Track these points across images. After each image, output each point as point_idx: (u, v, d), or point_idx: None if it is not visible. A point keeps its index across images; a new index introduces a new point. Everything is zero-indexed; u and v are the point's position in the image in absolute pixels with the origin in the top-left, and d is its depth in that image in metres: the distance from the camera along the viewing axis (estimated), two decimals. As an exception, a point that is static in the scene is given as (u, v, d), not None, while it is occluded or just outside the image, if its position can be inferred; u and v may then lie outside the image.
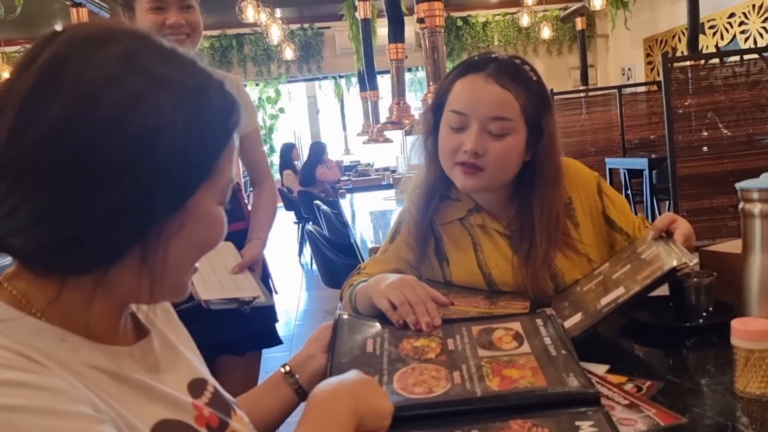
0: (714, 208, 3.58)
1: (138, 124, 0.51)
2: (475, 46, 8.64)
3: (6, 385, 0.46)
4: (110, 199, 0.50)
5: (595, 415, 0.71)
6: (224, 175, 0.58)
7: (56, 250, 0.52)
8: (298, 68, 8.76)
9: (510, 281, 1.18)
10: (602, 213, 1.22)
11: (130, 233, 0.52)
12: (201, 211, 0.57)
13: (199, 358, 0.73)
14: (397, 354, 0.86)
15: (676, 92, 3.52)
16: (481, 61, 1.14)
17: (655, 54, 7.70)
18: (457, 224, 1.23)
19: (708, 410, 0.78)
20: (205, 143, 0.55)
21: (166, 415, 0.57)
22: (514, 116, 1.10)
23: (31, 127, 0.50)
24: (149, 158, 0.51)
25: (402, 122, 3.60)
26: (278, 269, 5.87)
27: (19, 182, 0.50)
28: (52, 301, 0.54)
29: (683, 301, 1.06)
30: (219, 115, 0.57)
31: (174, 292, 0.60)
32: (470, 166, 1.11)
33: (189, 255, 0.58)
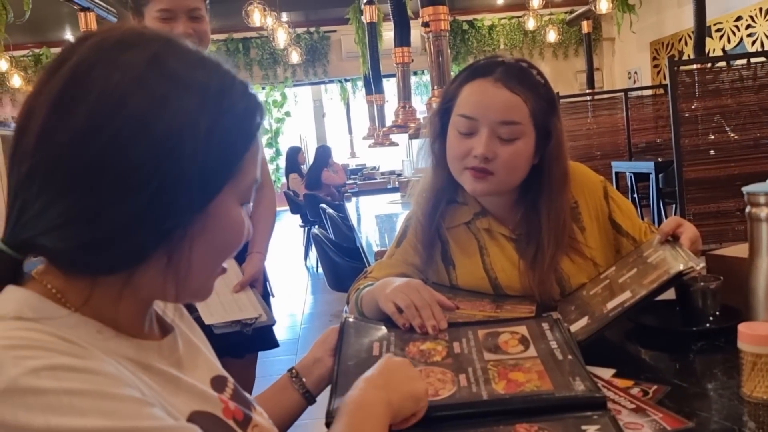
0: (720, 211, 3.57)
1: (163, 126, 0.52)
2: (480, 50, 8.64)
3: (62, 369, 0.48)
4: (136, 201, 0.51)
5: (602, 419, 0.71)
6: (248, 175, 0.59)
7: (84, 251, 0.53)
8: (304, 72, 8.78)
9: (516, 285, 1.18)
10: (608, 217, 1.22)
11: (156, 235, 0.53)
12: (224, 212, 0.57)
13: (214, 356, 0.74)
14: (403, 357, 0.86)
15: (683, 95, 3.52)
16: (488, 65, 1.13)
17: (661, 57, 7.68)
18: (463, 228, 1.23)
19: (715, 415, 0.78)
20: (229, 144, 0.55)
21: (197, 407, 0.59)
22: (524, 120, 1.10)
23: (59, 130, 0.51)
24: (174, 160, 0.52)
25: (408, 126, 3.61)
26: (284, 272, 5.89)
27: (48, 183, 0.51)
28: (86, 300, 0.55)
29: (690, 305, 1.06)
30: (243, 116, 0.57)
31: (199, 292, 0.61)
32: (480, 171, 1.11)
33: (213, 256, 0.59)
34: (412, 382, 0.73)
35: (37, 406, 0.46)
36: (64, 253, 0.54)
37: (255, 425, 0.66)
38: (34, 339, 0.49)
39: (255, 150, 0.59)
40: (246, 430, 0.64)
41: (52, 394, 0.46)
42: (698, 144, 3.56)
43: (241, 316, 1.48)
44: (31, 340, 0.49)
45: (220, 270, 0.61)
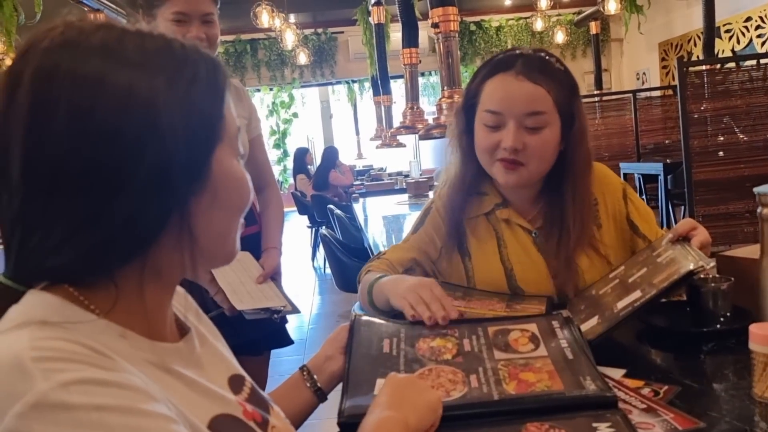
0: (730, 213, 3.55)
1: (139, 114, 0.52)
2: (488, 51, 8.63)
3: (91, 384, 0.47)
4: (131, 193, 0.52)
5: (613, 417, 0.71)
6: (231, 127, 0.59)
7: (95, 252, 0.53)
8: (311, 73, 8.80)
9: (531, 278, 1.19)
10: (626, 217, 1.23)
11: (160, 214, 0.53)
12: (222, 171, 0.58)
13: (229, 354, 0.74)
14: (413, 354, 0.87)
15: (692, 97, 3.50)
16: (508, 58, 1.15)
17: (670, 58, 7.65)
18: (482, 219, 1.24)
19: (726, 415, 0.77)
20: (204, 111, 0.56)
21: (218, 411, 0.59)
22: (548, 109, 1.12)
23: (41, 153, 0.51)
24: (158, 140, 0.52)
25: (415, 126, 3.61)
26: (291, 273, 5.89)
27: (46, 208, 0.51)
28: (114, 304, 0.54)
29: (701, 306, 1.06)
30: (208, 79, 0.57)
31: (224, 256, 0.61)
32: (511, 162, 1.13)
33: (226, 218, 0.59)
34: (424, 393, 0.73)
35: (67, 422, 0.46)
36: (75, 265, 0.53)
37: (273, 426, 0.66)
38: (63, 350, 0.49)
39: (228, 103, 0.60)
40: (266, 430, 0.64)
41: (82, 410, 0.46)
42: (707, 145, 3.54)
43: (269, 304, 1.51)
44: (60, 351, 0.49)
45: (238, 226, 0.61)
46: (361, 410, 0.75)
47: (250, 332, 1.60)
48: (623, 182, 1.27)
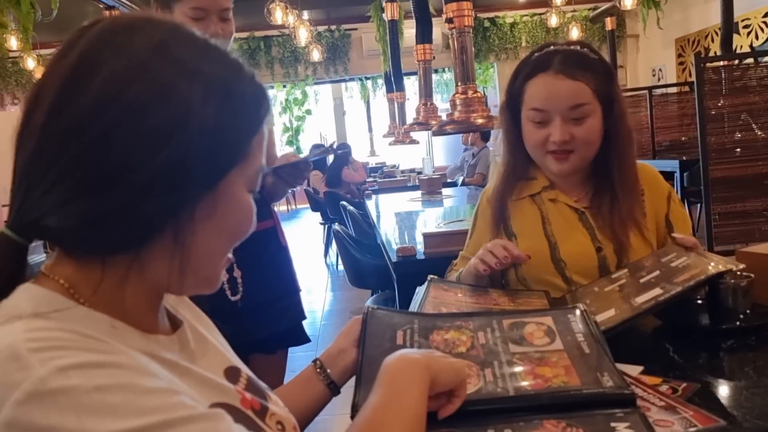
0: (747, 211, 3.50)
1: (166, 111, 0.53)
2: (502, 48, 8.58)
3: (89, 367, 0.48)
4: (141, 176, 0.52)
5: (631, 416, 0.70)
6: (255, 161, 0.60)
7: (90, 227, 0.53)
8: (324, 70, 8.80)
9: (576, 250, 1.24)
10: (665, 215, 1.28)
11: (161, 212, 0.54)
12: (231, 195, 0.58)
13: (227, 347, 0.74)
14: (427, 347, 0.86)
15: (709, 93, 3.46)
16: (545, 58, 1.21)
17: (687, 54, 7.56)
18: (527, 200, 1.32)
19: (747, 413, 0.76)
20: (235, 129, 0.57)
21: (215, 399, 0.59)
22: (589, 99, 1.18)
23: (67, 109, 0.52)
24: (180, 138, 0.53)
25: (429, 123, 3.59)
26: (304, 269, 5.91)
27: (56, 160, 0.52)
28: (96, 288, 0.55)
29: (720, 302, 1.04)
30: (249, 104, 0.58)
31: (206, 282, 0.61)
32: (561, 153, 1.21)
33: (220, 242, 0.59)
34: (449, 358, 0.74)
35: (69, 406, 0.45)
36: (69, 233, 0.54)
37: (272, 414, 0.66)
38: (58, 338, 0.49)
39: (261, 137, 0.60)
40: (264, 419, 0.64)
41: (82, 393, 0.46)
42: (724, 142, 3.50)
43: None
44: (55, 339, 0.49)
45: (227, 260, 0.62)
46: None
47: (261, 330, 1.60)
48: (671, 188, 1.32)
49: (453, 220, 3.04)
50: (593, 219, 1.25)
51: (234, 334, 0.82)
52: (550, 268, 1.23)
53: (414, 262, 2.37)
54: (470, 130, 2.82)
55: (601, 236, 1.23)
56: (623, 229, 1.21)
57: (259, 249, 1.65)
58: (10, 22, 4.70)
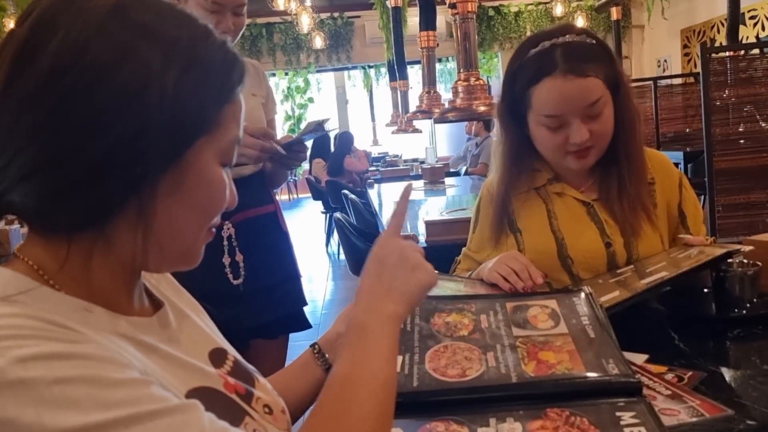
0: (751, 203, 3.49)
1: (125, 75, 0.51)
2: (506, 37, 8.52)
3: (50, 358, 0.45)
4: (100, 146, 0.50)
5: (637, 405, 0.68)
6: (228, 132, 0.57)
7: (49, 203, 0.51)
8: (327, 57, 8.75)
9: (584, 246, 1.19)
10: (678, 204, 1.24)
11: (123, 184, 0.52)
12: (200, 169, 0.55)
13: (213, 328, 0.72)
14: (428, 329, 0.84)
15: (714, 84, 3.42)
16: (546, 58, 1.11)
17: (692, 45, 7.50)
18: (532, 193, 1.26)
19: (754, 402, 0.75)
20: (201, 96, 0.54)
21: (195, 384, 0.57)
22: (602, 91, 1.12)
23: (23, 77, 0.50)
24: (140, 106, 0.51)
25: (432, 111, 3.56)
26: (305, 258, 5.90)
27: (13, 132, 0.51)
28: (62, 265, 0.53)
29: (726, 291, 1.03)
30: (218, 70, 0.56)
31: (181, 258, 0.59)
32: (582, 150, 1.15)
33: (190, 217, 0.56)
34: (416, 271, 0.65)
35: (27, 398, 0.43)
36: (32, 208, 0.52)
37: (258, 398, 0.64)
38: (21, 326, 0.47)
39: (236, 107, 0.58)
40: (249, 403, 0.63)
41: (42, 385, 0.44)
42: (729, 134, 3.47)
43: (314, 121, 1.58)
44: (17, 328, 0.47)
45: (206, 234, 0.59)
46: None
47: (262, 315, 1.59)
48: (681, 173, 1.27)
49: (456, 209, 3.02)
50: (602, 211, 1.20)
51: (236, 319, 0.81)
52: (557, 266, 1.19)
53: (416, 250, 2.35)
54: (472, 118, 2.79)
55: (611, 230, 1.18)
56: (633, 215, 1.17)
57: (261, 233, 1.64)
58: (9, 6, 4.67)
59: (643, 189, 1.19)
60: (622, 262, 1.17)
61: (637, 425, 0.64)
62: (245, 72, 0.59)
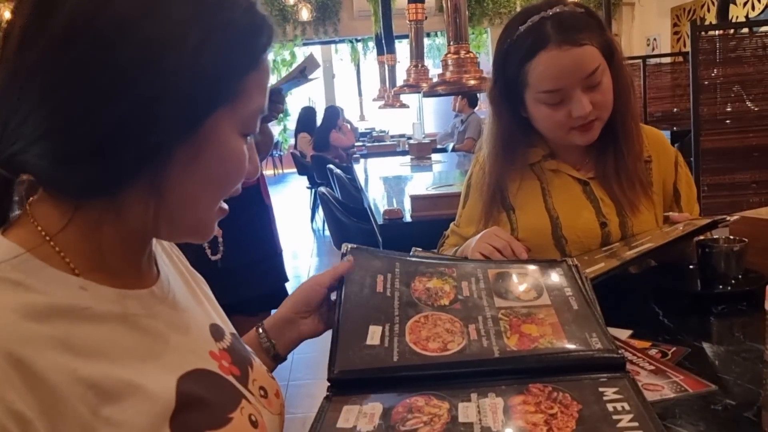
0: (735, 183, 3.51)
1: (147, 32, 0.48)
2: (496, 12, 8.43)
3: None
4: (116, 111, 0.47)
5: (620, 381, 0.67)
6: (251, 102, 0.54)
7: (63, 166, 0.49)
8: (314, 30, 8.61)
9: (579, 225, 1.17)
10: (673, 183, 1.22)
11: (136, 153, 0.49)
12: (218, 139, 0.52)
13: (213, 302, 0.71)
14: (408, 296, 0.82)
15: (703, 63, 3.41)
16: (537, 32, 1.08)
17: (682, 24, 7.47)
18: (526, 169, 1.22)
19: (737, 378, 0.74)
20: (223, 62, 0.50)
21: (191, 366, 0.56)
22: (599, 59, 1.08)
23: (39, 33, 0.48)
24: (156, 72, 0.48)
25: (419, 85, 3.52)
26: (290, 234, 5.88)
27: (27, 91, 0.48)
28: (65, 225, 0.51)
29: (712, 267, 1.02)
30: (244, 34, 0.52)
31: (194, 230, 0.56)
32: (586, 124, 1.11)
33: (206, 190, 0.54)
34: None
35: None
36: (45, 170, 0.50)
37: (254, 380, 0.63)
38: None
39: (261, 75, 0.54)
40: (246, 385, 0.61)
41: None
42: (716, 113, 3.47)
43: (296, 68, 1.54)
44: None
45: (219, 210, 0.56)
46: (353, 365, 0.71)
47: (244, 292, 1.57)
48: (677, 151, 1.25)
49: (442, 185, 3.00)
50: (598, 189, 1.17)
51: (215, 295, 0.79)
52: (550, 245, 1.17)
53: (401, 225, 2.34)
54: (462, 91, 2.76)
55: (606, 209, 1.16)
56: (632, 191, 1.15)
57: (242, 207, 1.60)
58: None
59: (640, 165, 1.17)
60: (616, 242, 1.15)
61: (620, 401, 0.63)
62: (273, 37, 0.55)
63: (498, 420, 0.61)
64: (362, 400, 0.66)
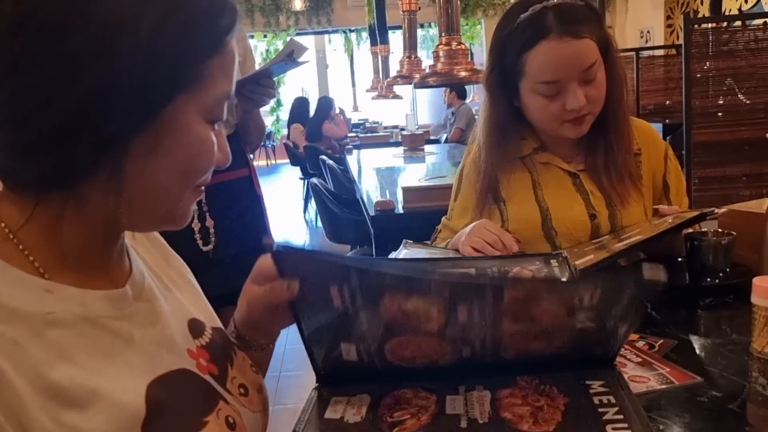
0: (726, 176, 3.52)
1: (97, 17, 0.45)
2: (490, 3, 8.39)
3: None
4: (66, 102, 0.46)
5: (607, 374, 0.67)
6: (215, 87, 0.51)
7: (18, 159, 0.48)
8: (307, 20, 8.55)
9: (568, 217, 1.17)
10: (663, 176, 1.22)
11: (93, 144, 0.47)
12: (181, 126, 0.50)
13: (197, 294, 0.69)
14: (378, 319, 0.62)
15: (696, 56, 3.42)
16: (538, 22, 1.07)
17: (675, 16, 7.48)
18: (517, 162, 1.22)
19: (723, 370, 0.75)
20: (182, 46, 0.48)
21: (166, 368, 0.54)
22: (597, 54, 1.09)
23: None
24: (108, 59, 0.46)
25: (413, 76, 3.51)
26: (282, 225, 5.87)
27: None
28: (26, 221, 0.50)
29: (700, 260, 1.03)
30: (204, 15, 0.50)
31: (167, 219, 0.55)
32: (578, 117, 1.11)
33: (170, 179, 0.52)
34: None
35: None
36: (3, 163, 0.49)
37: (233, 378, 0.61)
38: None
39: (225, 59, 0.52)
40: (224, 384, 0.60)
41: None
42: (708, 106, 3.49)
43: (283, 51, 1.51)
44: None
45: (193, 193, 0.54)
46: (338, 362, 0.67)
47: (236, 282, 1.56)
48: (667, 144, 1.25)
49: (435, 176, 3.00)
50: (588, 182, 1.18)
51: (206, 286, 0.78)
52: (540, 236, 1.17)
53: (392, 216, 2.34)
54: (453, 83, 2.75)
55: (596, 201, 1.16)
56: (621, 184, 1.15)
57: (233, 199, 1.60)
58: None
59: (630, 158, 1.17)
60: (605, 234, 1.15)
61: (606, 394, 0.63)
62: (236, 18, 0.53)
63: (485, 412, 0.61)
64: (350, 392, 0.66)
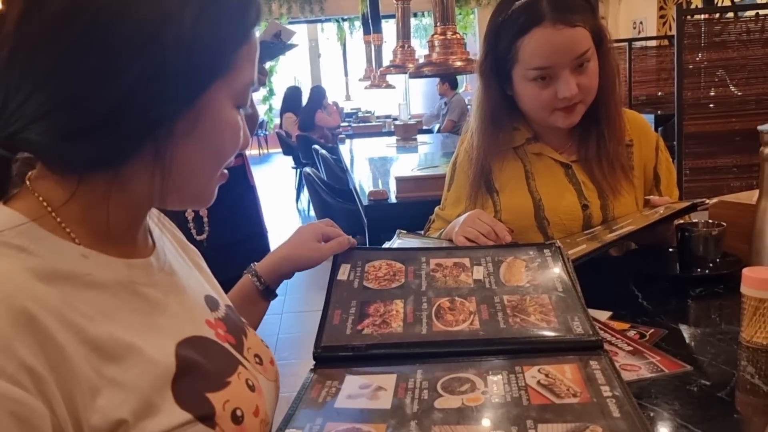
0: (717, 167, 3.54)
1: (141, 16, 0.49)
2: (483, -7, 8.38)
3: None
4: (118, 88, 0.49)
5: (599, 361, 0.68)
6: (243, 74, 0.56)
7: (67, 142, 0.51)
8: (300, 8, 8.50)
9: (561, 207, 1.18)
10: (654, 167, 1.23)
11: (139, 127, 0.51)
12: (215, 111, 0.55)
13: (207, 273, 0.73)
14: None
15: (688, 47, 3.42)
16: (532, 9, 1.08)
17: (668, 7, 7.49)
18: (510, 152, 1.23)
19: (713, 359, 0.76)
20: (217, 38, 0.53)
21: (188, 333, 0.58)
22: (590, 43, 1.09)
23: (39, 13, 0.49)
24: (157, 47, 0.49)
25: (406, 66, 3.50)
26: (275, 215, 5.85)
27: (29, 70, 0.49)
28: (68, 198, 0.53)
29: (690, 250, 1.04)
30: (235, 8, 0.54)
31: (196, 197, 0.59)
32: (570, 106, 1.12)
33: (205, 159, 0.56)
34: None
35: None
36: (48, 147, 0.52)
37: (248, 348, 0.66)
38: None
39: (251, 49, 0.57)
40: (242, 353, 0.64)
41: None
42: (700, 98, 3.50)
43: None
44: None
45: (220, 175, 0.59)
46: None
47: (230, 271, 1.56)
48: (658, 135, 1.26)
49: (427, 166, 3.00)
50: (580, 172, 1.19)
51: None
52: (532, 226, 1.18)
53: (386, 206, 2.34)
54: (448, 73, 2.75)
55: (588, 192, 1.17)
56: (612, 174, 1.16)
57: (226, 188, 1.59)
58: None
59: (622, 149, 1.18)
60: (597, 224, 1.16)
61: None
62: (261, 11, 0.58)
63: None
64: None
